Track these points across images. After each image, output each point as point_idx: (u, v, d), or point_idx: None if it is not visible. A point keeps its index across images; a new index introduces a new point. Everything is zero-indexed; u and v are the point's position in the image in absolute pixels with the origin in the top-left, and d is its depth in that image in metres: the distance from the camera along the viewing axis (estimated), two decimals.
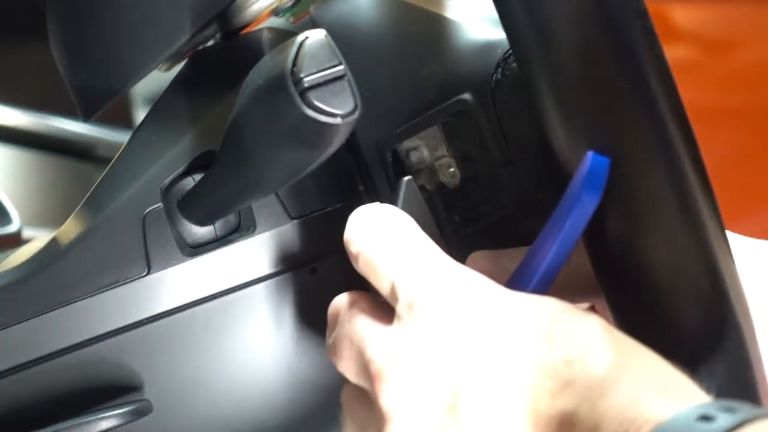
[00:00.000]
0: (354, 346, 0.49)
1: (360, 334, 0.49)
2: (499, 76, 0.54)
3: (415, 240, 0.50)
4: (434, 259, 0.48)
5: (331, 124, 0.48)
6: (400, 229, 0.50)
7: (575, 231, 0.47)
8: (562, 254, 0.48)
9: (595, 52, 0.45)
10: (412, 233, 0.50)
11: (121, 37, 0.63)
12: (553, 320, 0.45)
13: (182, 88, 0.67)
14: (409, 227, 0.51)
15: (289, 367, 0.63)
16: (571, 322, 0.45)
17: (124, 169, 0.63)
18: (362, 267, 0.51)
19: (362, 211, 0.53)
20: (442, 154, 0.57)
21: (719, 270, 0.47)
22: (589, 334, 0.45)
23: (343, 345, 0.50)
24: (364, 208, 0.53)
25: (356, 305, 0.51)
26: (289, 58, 0.49)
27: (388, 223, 0.51)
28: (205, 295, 0.61)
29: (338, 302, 0.53)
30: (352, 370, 0.49)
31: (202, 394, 0.61)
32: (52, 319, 0.59)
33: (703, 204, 0.47)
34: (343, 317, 0.51)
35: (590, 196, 0.46)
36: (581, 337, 0.44)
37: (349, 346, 0.49)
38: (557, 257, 0.48)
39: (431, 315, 0.46)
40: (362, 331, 0.49)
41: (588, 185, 0.45)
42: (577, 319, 0.45)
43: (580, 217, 0.46)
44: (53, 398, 0.59)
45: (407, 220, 0.51)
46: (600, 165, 0.46)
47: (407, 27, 0.62)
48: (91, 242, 0.60)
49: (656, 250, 0.47)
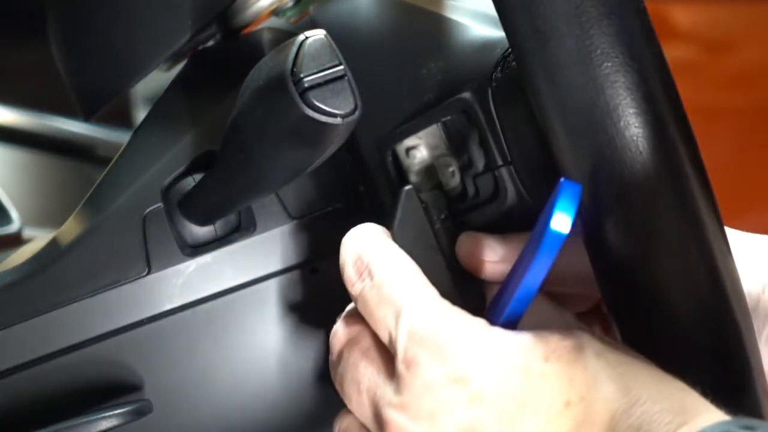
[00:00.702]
0: (362, 394, 0.50)
1: (367, 384, 0.50)
2: (499, 75, 0.54)
3: (409, 285, 0.50)
4: (427, 309, 0.49)
5: (331, 124, 0.48)
6: (393, 272, 0.51)
7: (547, 261, 0.46)
8: (534, 285, 0.47)
9: (595, 51, 0.45)
10: (406, 275, 0.51)
11: (121, 37, 0.63)
12: (546, 358, 0.46)
13: (182, 88, 0.67)
14: (402, 267, 0.51)
15: (289, 367, 0.63)
16: (566, 358, 0.46)
17: (124, 169, 0.63)
18: (361, 310, 0.52)
19: (355, 244, 0.53)
20: (441, 153, 0.57)
21: (719, 271, 0.47)
22: (587, 368, 0.45)
23: (351, 387, 0.51)
24: (356, 238, 0.53)
25: (357, 345, 0.51)
26: (289, 58, 0.49)
27: (382, 263, 0.51)
28: (205, 294, 0.61)
29: (339, 333, 0.53)
30: (361, 414, 0.50)
31: (202, 394, 0.61)
32: (52, 319, 0.59)
33: (703, 204, 0.47)
34: (346, 354, 0.52)
35: (560, 225, 0.45)
36: (578, 374, 0.45)
37: (356, 391, 0.50)
38: (528, 288, 0.47)
39: (429, 376, 0.47)
40: (368, 381, 0.50)
41: (559, 213, 0.45)
42: (568, 352, 0.46)
43: (552, 246, 0.45)
44: (53, 398, 0.59)
45: (400, 258, 0.51)
46: (572, 192, 0.45)
47: (407, 26, 0.62)
48: (92, 242, 0.60)
49: (656, 254, 0.47)
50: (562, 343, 0.46)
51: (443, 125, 0.56)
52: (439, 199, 0.57)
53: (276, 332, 0.63)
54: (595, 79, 0.45)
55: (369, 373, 0.50)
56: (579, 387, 0.45)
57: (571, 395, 0.45)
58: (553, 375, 0.45)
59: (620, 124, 0.45)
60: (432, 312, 0.48)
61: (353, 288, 0.52)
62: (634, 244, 0.47)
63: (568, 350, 0.46)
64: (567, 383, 0.45)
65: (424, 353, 0.47)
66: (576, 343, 0.46)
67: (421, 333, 0.48)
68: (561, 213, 0.45)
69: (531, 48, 0.47)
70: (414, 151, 0.59)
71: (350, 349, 0.51)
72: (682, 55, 1.55)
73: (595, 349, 0.46)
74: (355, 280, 0.51)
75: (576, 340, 0.46)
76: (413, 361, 0.47)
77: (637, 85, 0.45)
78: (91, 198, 0.63)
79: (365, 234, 0.54)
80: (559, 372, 0.45)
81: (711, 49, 1.59)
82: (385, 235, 0.54)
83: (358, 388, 0.50)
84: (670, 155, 0.46)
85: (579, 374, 0.45)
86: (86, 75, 0.66)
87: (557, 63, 0.46)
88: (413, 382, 0.47)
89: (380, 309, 0.50)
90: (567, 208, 0.45)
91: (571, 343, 0.46)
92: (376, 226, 0.54)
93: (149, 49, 0.62)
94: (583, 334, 0.47)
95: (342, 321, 0.53)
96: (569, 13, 0.45)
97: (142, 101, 1.49)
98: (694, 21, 1.58)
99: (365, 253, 0.52)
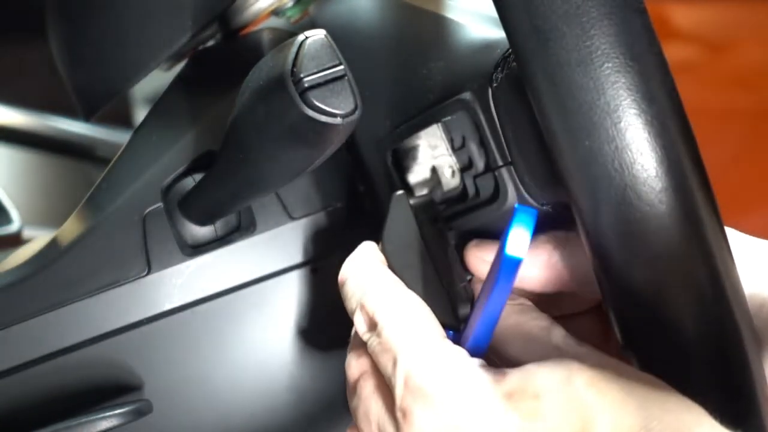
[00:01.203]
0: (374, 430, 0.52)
1: (377, 422, 0.51)
2: (499, 75, 0.54)
3: (407, 331, 0.50)
4: (421, 357, 0.49)
5: (331, 124, 0.48)
6: (392, 319, 0.51)
7: (504, 288, 0.47)
8: (496, 310, 0.48)
9: (595, 51, 0.45)
10: (405, 320, 0.51)
11: (121, 37, 0.63)
12: (537, 397, 0.46)
13: (183, 88, 0.67)
14: (402, 311, 0.51)
15: (289, 366, 0.63)
16: (557, 395, 0.46)
17: (124, 169, 0.63)
18: (370, 354, 0.52)
19: (358, 284, 0.54)
20: (441, 153, 0.57)
21: (721, 277, 0.47)
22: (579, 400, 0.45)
23: (364, 422, 0.52)
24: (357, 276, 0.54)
25: (369, 381, 0.52)
26: (289, 58, 0.49)
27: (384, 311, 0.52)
28: (205, 295, 0.61)
29: (353, 366, 0.54)
30: None
31: (202, 393, 0.61)
32: (52, 319, 0.59)
33: (703, 204, 0.47)
34: (359, 388, 0.53)
35: (516, 250, 0.45)
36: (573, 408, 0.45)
37: (368, 426, 0.52)
38: (491, 314, 0.48)
39: (421, 428, 0.48)
40: (378, 419, 0.51)
41: (514, 237, 0.45)
42: (558, 387, 0.46)
43: (509, 271, 0.46)
44: (53, 398, 0.59)
45: (401, 300, 0.52)
46: (527, 216, 0.45)
47: (407, 27, 0.62)
48: (92, 242, 0.60)
49: (656, 255, 0.47)
50: (551, 377, 0.46)
51: (443, 125, 0.56)
52: (428, 205, 0.57)
53: (276, 332, 0.63)
54: (595, 80, 0.45)
55: (378, 411, 0.51)
56: (575, 419, 0.45)
57: (567, 430, 0.45)
58: (546, 412, 0.45)
59: (621, 125, 0.45)
60: (425, 358, 0.49)
61: (363, 338, 0.53)
62: (634, 245, 0.47)
63: (558, 383, 0.46)
64: (562, 418, 0.45)
65: (417, 404, 0.48)
66: (565, 375, 0.46)
67: (415, 382, 0.48)
68: (516, 238, 0.45)
69: (531, 48, 0.46)
70: (414, 151, 0.59)
71: (363, 383, 0.53)
72: (682, 55, 1.55)
73: (585, 378, 0.45)
74: (364, 331, 0.52)
75: (564, 371, 0.46)
76: (407, 411, 0.48)
77: (638, 86, 0.45)
78: (91, 198, 0.63)
79: (365, 270, 0.54)
80: (551, 409, 0.45)
81: (711, 49, 1.59)
82: (383, 266, 0.54)
83: (369, 424, 0.51)
84: (670, 155, 0.46)
85: (572, 406, 0.45)
86: (86, 75, 0.66)
87: (557, 63, 0.46)
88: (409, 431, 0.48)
89: (382, 357, 0.51)
90: (522, 233, 0.45)
91: (559, 375, 0.46)
92: (373, 255, 0.55)
93: (150, 49, 0.62)
94: (571, 363, 0.46)
95: (354, 352, 0.54)
96: (569, 13, 0.45)
97: (142, 101, 1.49)
98: (694, 21, 1.58)
99: (369, 301, 0.52)
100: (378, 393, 0.52)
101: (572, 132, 0.46)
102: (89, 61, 0.65)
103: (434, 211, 0.57)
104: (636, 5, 0.46)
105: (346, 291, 0.54)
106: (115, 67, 0.64)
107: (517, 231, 0.45)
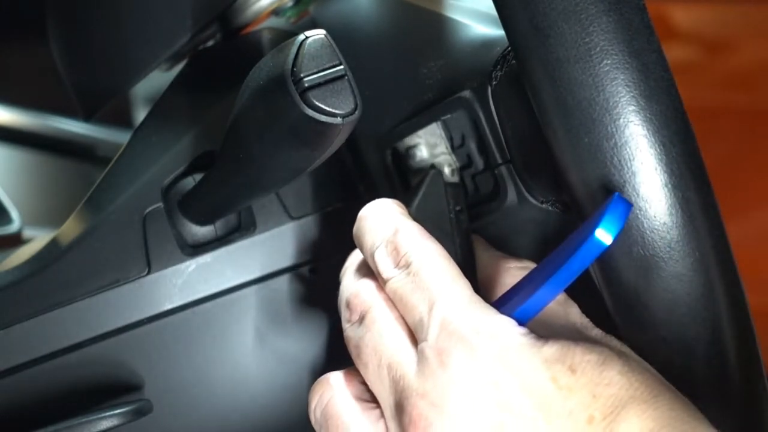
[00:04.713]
0: (383, 368, 0.50)
1: (389, 360, 0.49)
2: (499, 73, 0.54)
3: (445, 279, 0.50)
4: (462, 305, 0.48)
5: (331, 124, 0.48)
6: (429, 264, 0.50)
7: (577, 269, 0.46)
8: (557, 287, 0.47)
9: (594, 48, 0.45)
10: (442, 268, 0.50)
11: (121, 37, 0.63)
12: (572, 371, 0.46)
13: (183, 88, 0.67)
14: (438, 259, 0.51)
15: (289, 366, 0.63)
16: (590, 374, 0.46)
17: (124, 169, 0.63)
18: (390, 293, 0.51)
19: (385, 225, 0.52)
20: (441, 151, 0.57)
21: (719, 264, 0.47)
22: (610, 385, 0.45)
23: (371, 357, 0.50)
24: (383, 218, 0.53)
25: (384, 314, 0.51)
26: (289, 58, 0.49)
27: (420, 255, 0.51)
28: (205, 294, 0.61)
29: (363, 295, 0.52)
30: (378, 387, 0.50)
31: (202, 393, 0.61)
32: (52, 319, 0.59)
33: (703, 204, 0.47)
34: (370, 320, 0.51)
35: (604, 238, 0.44)
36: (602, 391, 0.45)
37: (376, 362, 0.50)
38: (551, 289, 0.47)
39: (458, 371, 0.47)
40: (392, 356, 0.49)
41: (606, 223, 0.44)
42: (592, 367, 0.46)
43: (589, 252, 0.45)
44: (53, 398, 0.59)
45: (435, 250, 0.51)
46: (621, 208, 0.45)
47: (407, 26, 0.62)
48: (92, 242, 0.60)
49: (656, 256, 0.47)
50: (586, 356, 0.46)
51: (443, 124, 0.56)
52: (458, 191, 0.56)
53: (276, 332, 0.63)
54: (594, 77, 0.45)
55: (395, 345, 0.49)
56: (602, 405, 0.45)
57: (594, 412, 0.45)
58: (578, 389, 0.45)
59: (620, 122, 0.45)
60: (466, 308, 0.48)
61: (386, 273, 0.51)
62: (634, 243, 0.47)
63: (592, 365, 0.46)
64: (591, 399, 0.45)
65: (456, 347, 0.47)
66: (599, 358, 0.46)
67: (454, 326, 0.47)
68: (609, 224, 0.45)
69: (530, 45, 0.47)
70: (414, 150, 0.59)
71: (376, 314, 0.51)
72: (682, 55, 1.55)
73: (618, 367, 0.46)
74: (390, 268, 0.51)
75: (599, 356, 0.46)
76: (444, 352, 0.47)
77: (637, 83, 0.45)
78: (91, 198, 0.63)
79: (393, 216, 0.53)
80: (583, 386, 0.45)
81: (711, 49, 1.59)
82: (409, 216, 0.53)
83: (379, 359, 0.50)
84: (669, 153, 0.46)
85: (603, 391, 0.45)
86: (86, 75, 0.66)
87: (557, 60, 0.46)
88: (441, 373, 0.47)
89: (414, 295, 0.49)
90: (614, 221, 0.45)
91: (595, 357, 0.46)
92: (397, 205, 0.54)
93: (149, 49, 0.62)
94: (604, 349, 0.47)
95: (368, 282, 0.52)
96: (568, 10, 0.45)
97: (142, 101, 1.49)
98: (694, 21, 1.58)
99: (402, 239, 0.51)
100: (396, 327, 0.50)
101: (571, 129, 0.46)
102: (89, 61, 0.65)
103: (462, 198, 0.57)
104: (635, 2, 0.46)
105: (366, 225, 0.53)
106: (115, 68, 0.64)
107: (611, 218, 0.44)
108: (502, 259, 0.54)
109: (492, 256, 0.55)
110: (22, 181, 1.18)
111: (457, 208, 0.56)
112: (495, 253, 0.55)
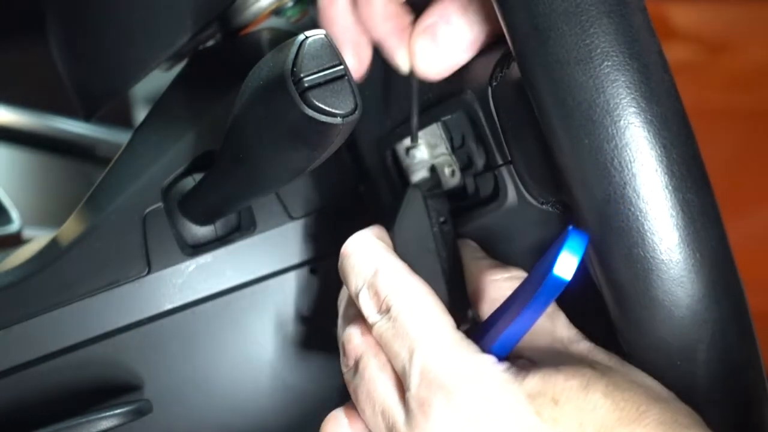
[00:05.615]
0: (377, 415, 0.51)
1: (382, 406, 0.50)
2: (499, 74, 0.54)
3: (423, 320, 0.50)
4: (440, 348, 0.49)
5: (331, 124, 0.48)
6: (408, 306, 0.51)
7: (543, 304, 0.46)
8: (527, 324, 0.48)
9: (595, 49, 0.45)
10: (421, 308, 0.51)
11: (121, 37, 0.63)
12: (555, 402, 0.46)
13: (183, 88, 0.67)
14: (418, 299, 0.51)
15: (289, 366, 0.63)
16: (574, 402, 0.46)
17: (124, 168, 0.63)
18: (376, 338, 0.52)
19: (366, 264, 0.53)
20: (441, 152, 0.57)
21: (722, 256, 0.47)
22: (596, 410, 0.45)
23: (366, 402, 0.51)
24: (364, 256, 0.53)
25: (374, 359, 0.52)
26: (289, 58, 0.49)
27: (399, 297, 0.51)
28: (205, 294, 0.61)
29: (355, 341, 0.53)
30: (375, 429, 0.51)
31: (202, 393, 0.61)
32: (52, 319, 0.59)
33: (703, 203, 0.47)
34: (362, 366, 0.52)
35: (564, 270, 0.45)
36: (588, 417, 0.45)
37: (371, 408, 0.51)
38: (522, 325, 0.48)
39: (439, 420, 0.47)
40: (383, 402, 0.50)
41: (564, 258, 0.45)
42: (576, 394, 0.46)
43: (551, 290, 0.46)
44: (53, 398, 0.59)
45: (415, 288, 0.51)
46: (579, 240, 0.45)
47: None
48: (92, 242, 0.60)
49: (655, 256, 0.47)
50: (568, 383, 0.46)
51: (443, 124, 0.56)
52: (440, 201, 0.57)
53: (275, 332, 0.63)
54: (594, 78, 0.45)
55: (384, 393, 0.51)
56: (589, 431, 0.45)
57: None
58: (563, 419, 0.45)
59: (620, 123, 0.45)
60: (444, 351, 0.49)
61: (370, 318, 0.52)
62: (635, 245, 0.47)
63: (576, 391, 0.46)
64: (578, 427, 0.45)
65: (435, 396, 0.48)
66: (582, 382, 0.46)
67: (433, 374, 0.48)
68: (566, 259, 0.45)
69: (531, 47, 0.46)
70: (414, 151, 0.59)
71: (367, 361, 0.52)
72: (682, 55, 1.55)
73: (602, 388, 0.46)
74: (374, 313, 0.52)
75: (581, 379, 0.46)
76: (425, 402, 0.48)
77: (637, 84, 0.45)
78: (91, 198, 0.63)
79: (373, 254, 0.53)
80: (569, 416, 0.45)
81: (711, 49, 1.59)
82: (391, 251, 0.54)
83: (373, 406, 0.51)
84: (670, 154, 0.46)
85: (588, 417, 0.45)
86: (86, 75, 0.66)
87: (557, 61, 0.46)
88: (425, 423, 0.48)
89: (395, 342, 0.50)
90: (572, 257, 0.45)
91: (577, 383, 0.46)
92: (378, 237, 0.54)
93: (149, 50, 0.62)
94: (586, 371, 0.47)
95: (356, 327, 0.53)
96: (569, 11, 0.45)
97: (142, 101, 1.49)
98: (694, 21, 1.58)
99: (381, 282, 0.52)
100: (384, 375, 0.51)
101: (572, 130, 0.46)
102: (90, 61, 0.65)
103: (446, 208, 0.57)
104: (635, 3, 0.46)
105: (349, 264, 0.54)
106: (116, 68, 0.64)
107: (568, 254, 0.45)
108: (489, 271, 0.54)
109: (479, 267, 0.55)
110: (22, 181, 1.18)
111: (441, 219, 0.56)
112: (482, 263, 0.55)
